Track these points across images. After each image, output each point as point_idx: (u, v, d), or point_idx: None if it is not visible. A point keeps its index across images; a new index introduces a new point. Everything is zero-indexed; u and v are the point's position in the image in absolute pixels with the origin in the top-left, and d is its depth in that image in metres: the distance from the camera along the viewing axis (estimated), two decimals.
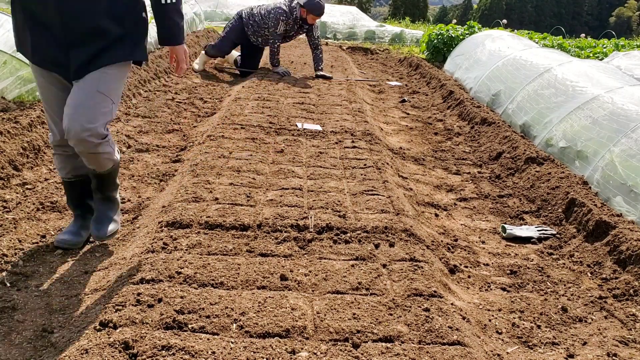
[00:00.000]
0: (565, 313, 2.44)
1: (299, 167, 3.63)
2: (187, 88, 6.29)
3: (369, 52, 10.72)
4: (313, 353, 1.82)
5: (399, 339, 1.93)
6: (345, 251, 2.56)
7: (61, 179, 2.66)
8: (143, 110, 5.17)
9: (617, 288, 2.62)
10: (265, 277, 2.27)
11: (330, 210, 2.94)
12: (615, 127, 3.81)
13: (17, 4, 2.23)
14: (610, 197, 3.39)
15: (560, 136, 4.31)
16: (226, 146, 3.91)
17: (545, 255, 3.05)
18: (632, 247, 2.76)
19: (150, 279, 2.17)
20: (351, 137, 4.42)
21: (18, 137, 3.57)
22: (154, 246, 2.45)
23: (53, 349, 1.90)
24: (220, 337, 1.87)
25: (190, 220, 2.71)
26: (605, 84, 4.54)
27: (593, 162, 3.76)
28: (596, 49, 9.66)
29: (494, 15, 45.52)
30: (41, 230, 2.80)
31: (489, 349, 2.09)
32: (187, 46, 7.99)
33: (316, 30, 6.87)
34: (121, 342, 1.78)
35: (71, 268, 2.51)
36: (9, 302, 2.17)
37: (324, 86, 6.35)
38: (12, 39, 4.46)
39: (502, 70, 6.15)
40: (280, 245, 2.57)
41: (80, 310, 2.14)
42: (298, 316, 2.01)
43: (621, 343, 2.25)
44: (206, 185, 3.17)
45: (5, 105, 3.99)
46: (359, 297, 2.17)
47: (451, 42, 9.33)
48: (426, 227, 3.15)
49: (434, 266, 2.50)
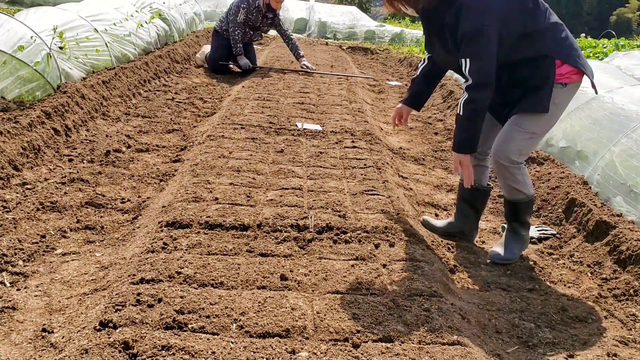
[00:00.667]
0: (565, 313, 2.44)
1: (299, 167, 3.63)
2: (187, 88, 6.29)
3: (369, 52, 10.72)
4: (313, 353, 1.82)
5: (398, 339, 1.93)
6: (345, 251, 2.56)
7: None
8: (143, 110, 5.17)
9: (617, 288, 2.62)
10: (265, 277, 2.27)
11: (330, 210, 2.94)
12: (615, 127, 3.81)
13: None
14: (610, 197, 3.39)
15: (560, 136, 4.31)
16: (226, 146, 3.91)
17: (545, 255, 3.05)
18: (632, 247, 2.76)
19: (150, 279, 2.17)
20: (351, 137, 4.42)
21: (18, 137, 3.57)
22: (154, 246, 2.45)
23: (53, 349, 1.91)
24: (220, 337, 1.87)
25: (190, 220, 2.71)
26: (606, 83, 4.54)
27: (593, 162, 3.75)
28: (596, 49, 9.66)
29: None
30: (41, 230, 2.80)
31: (489, 349, 2.09)
32: (188, 46, 8.02)
33: (284, 24, 7.29)
34: (121, 342, 1.78)
35: (71, 268, 2.51)
36: (9, 302, 2.17)
37: (324, 86, 6.35)
38: (12, 38, 4.47)
39: None
40: (280, 245, 2.57)
41: (80, 310, 2.14)
42: (298, 316, 2.01)
43: (621, 343, 2.25)
44: (206, 185, 3.17)
45: (5, 105, 3.99)
46: (359, 297, 2.17)
47: None
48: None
49: (434, 266, 2.50)
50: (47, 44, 4.61)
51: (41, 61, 4.43)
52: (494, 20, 2.40)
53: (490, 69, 2.46)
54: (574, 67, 2.57)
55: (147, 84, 6.06)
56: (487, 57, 2.44)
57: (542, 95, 2.56)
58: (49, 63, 4.54)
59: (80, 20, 5.54)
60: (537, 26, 2.52)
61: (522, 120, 2.64)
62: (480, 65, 2.44)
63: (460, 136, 2.62)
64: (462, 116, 2.57)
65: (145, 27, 7.02)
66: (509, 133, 2.67)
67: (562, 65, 2.55)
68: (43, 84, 4.44)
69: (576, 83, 2.63)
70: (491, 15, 2.39)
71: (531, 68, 2.57)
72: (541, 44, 2.53)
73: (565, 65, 2.56)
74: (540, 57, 2.54)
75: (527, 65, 2.57)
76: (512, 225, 2.87)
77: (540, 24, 2.54)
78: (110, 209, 3.13)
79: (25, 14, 5.08)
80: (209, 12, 12.68)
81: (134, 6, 7.20)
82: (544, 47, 2.53)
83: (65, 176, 3.43)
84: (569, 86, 2.59)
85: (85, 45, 5.34)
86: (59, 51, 4.81)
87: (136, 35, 6.62)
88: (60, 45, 4.84)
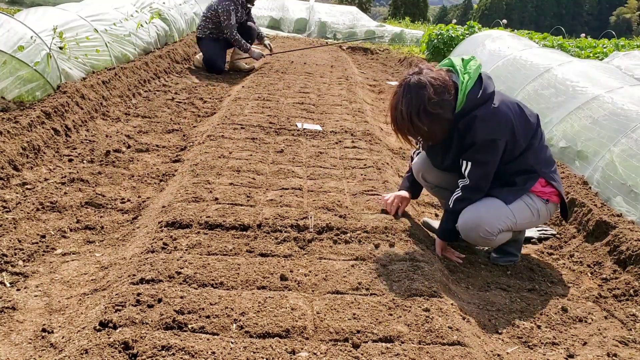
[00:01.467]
0: (565, 313, 2.44)
1: (299, 167, 3.63)
2: (187, 88, 6.29)
3: (369, 52, 10.72)
4: (313, 353, 1.82)
5: (399, 339, 1.93)
6: (345, 251, 2.56)
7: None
8: (143, 110, 5.17)
9: (617, 288, 2.62)
10: (265, 277, 2.27)
11: (330, 211, 2.94)
12: (615, 127, 3.81)
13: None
14: (610, 197, 3.39)
15: (560, 136, 4.31)
16: (226, 146, 3.91)
17: (545, 255, 3.05)
18: (632, 247, 2.76)
19: (150, 279, 2.17)
20: (351, 137, 4.42)
21: (18, 137, 3.57)
22: (153, 246, 2.45)
23: (53, 349, 1.90)
24: (220, 337, 1.87)
25: (190, 220, 2.70)
26: (606, 84, 4.54)
27: (593, 162, 3.75)
28: (596, 49, 9.65)
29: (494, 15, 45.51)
30: (41, 230, 2.80)
31: (489, 349, 2.09)
32: (187, 46, 8.02)
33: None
34: (121, 342, 1.78)
35: (71, 268, 2.51)
36: (9, 302, 2.17)
37: (324, 86, 6.35)
38: (12, 39, 4.47)
39: (502, 70, 6.15)
40: (280, 245, 2.57)
41: (80, 311, 2.14)
42: (298, 316, 2.01)
43: (621, 343, 2.25)
44: (206, 185, 3.17)
45: (5, 105, 3.99)
46: (359, 297, 2.17)
47: (451, 42, 9.33)
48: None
49: (434, 266, 2.50)
50: (47, 44, 4.61)
51: (41, 61, 4.43)
52: (505, 134, 2.54)
53: (490, 177, 2.64)
54: (557, 190, 2.73)
55: (147, 84, 6.06)
56: (491, 166, 2.60)
57: (513, 190, 2.69)
58: (49, 63, 4.54)
59: (80, 20, 5.54)
60: (533, 145, 2.68)
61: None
62: (484, 172, 2.61)
63: (447, 226, 2.76)
64: (451, 209, 2.72)
65: (145, 27, 7.02)
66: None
67: (547, 186, 2.71)
68: (43, 84, 4.44)
69: (555, 204, 2.80)
70: (503, 132, 2.53)
71: (517, 175, 2.70)
72: (533, 160, 2.68)
73: (549, 186, 2.71)
74: (529, 170, 2.68)
75: (514, 174, 2.71)
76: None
77: (537, 144, 2.70)
78: (110, 209, 3.13)
79: (25, 14, 5.08)
80: None
81: (134, 6, 7.20)
82: (535, 164, 2.68)
83: (65, 176, 3.43)
84: (549, 204, 2.75)
85: (85, 46, 5.34)
86: (58, 51, 4.81)
87: (136, 36, 6.62)
88: (60, 46, 4.85)
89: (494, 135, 2.51)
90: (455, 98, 2.51)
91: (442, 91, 2.47)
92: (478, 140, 2.51)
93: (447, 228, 2.76)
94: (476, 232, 2.64)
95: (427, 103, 2.45)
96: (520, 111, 2.63)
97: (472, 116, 2.51)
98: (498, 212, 2.63)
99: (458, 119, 2.54)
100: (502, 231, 2.66)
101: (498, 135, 2.52)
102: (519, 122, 2.60)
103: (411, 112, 2.48)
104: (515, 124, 2.57)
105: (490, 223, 2.61)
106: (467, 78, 2.52)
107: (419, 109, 2.47)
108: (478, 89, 2.53)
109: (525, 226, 2.80)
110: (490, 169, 2.61)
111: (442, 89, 2.47)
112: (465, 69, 2.54)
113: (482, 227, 2.61)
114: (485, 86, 2.54)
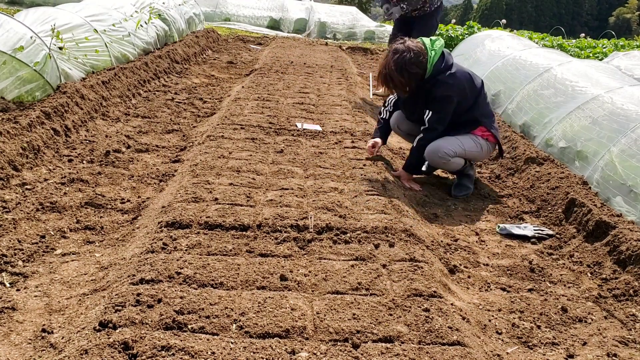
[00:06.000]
0: (565, 313, 2.44)
1: (298, 168, 3.63)
2: (187, 88, 6.29)
3: (368, 52, 10.72)
4: (313, 353, 1.82)
5: (398, 339, 1.93)
6: (345, 251, 2.56)
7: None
8: (143, 110, 5.17)
9: (617, 288, 2.62)
10: (265, 277, 2.27)
11: (330, 211, 2.94)
12: (615, 127, 3.81)
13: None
14: (610, 197, 3.39)
15: (560, 136, 4.31)
16: (226, 146, 3.91)
17: (545, 255, 3.05)
18: (632, 247, 2.76)
19: (150, 279, 2.17)
20: (351, 137, 4.42)
21: (18, 137, 3.57)
22: (153, 246, 2.45)
23: (53, 350, 1.90)
24: (220, 337, 1.87)
25: (190, 220, 2.70)
26: (605, 84, 4.54)
27: (593, 162, 3.75)
28: (596, 49, 9.65)
29: (493, 15, 45.48)
30: (41, 230, 2.80)
31: (489, 349, 2.09)
32: (187, 46, 8.02)
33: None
34: (121, 343, 1.77)
35: (71, 268, 2.51)
36: (8, 303, 2.17)
37: (324, 86, 6.35)
38: (12, 39, 4.47)
39: (501, 70, 6.14)
40: (280, 245, 2.57)
41: (80, 311, 2.14)
42: (298, 316, 2.01)
43: (621, 343, 2.25)
44: (206, 185, 3.16)
45: (5, 105, 3.99)
46: (359, 298, 2.17)
47: (451, 42, 9.34)
48: (426, 227, 3.15)
49: (433, 266, 2.50)
50: (47, 45, 4.61)
51: (41, 61, 4.43)
52: (456, 94, 3.57)
53: (444, 123, 3.66)
54: (494, 135, 3.79)
55: (147, 84, 6.06)
56: (444, 114, 3.63)
57: (462, 132, 3.76)
58: (49, 63, 4.54)
59: (80, 20, 5.54)
60: (478, 102, 3.72)
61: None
62: (438, 117, 3.63)
63: (411, 161, 3.79)
64: (415, 148, 3.74)
65: (145, 28, 7.02)
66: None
67: (486, 131, 3.76)
68: (43, 84, 4.44)
69: (493, 144, 3.85)
70: (456, 91, 3.56)
71: (466, 124, 3.75)
72: (477, 113, 3.73)
73: (488, 132, 3.76)
74: (474, 121, 3.74)
75: (463, 123, 3.74)
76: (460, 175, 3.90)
77: (481, 102, 3.74)
78: (110, 210, 3.13)
79: (25, 14, 5.08)
80: (209, 12, 12.68)
81: (133, 6, 7.20)
82: (479, 116, 3.74)
83: (65, 176, 3.43)
84: (489, 143, 3.80)
85: (84, 46, 5.34)
86: (58, 51, 4.81)
87: (136, 36, 6.62)
88: (59, 46, 4.84)
89: (449, 92, 3.54)
90: (426, 66, 3.50)
91: (419, 55, 3.48)
92: (438, 95, 3.54)
93: (412, 163, 3.78)
94: (437, 154, 3.63)
95: (407, 62, 3.46)
96: (470, 78, 3.66)
97: (436, 79, 3.54)
98: (451, 142, 3.65)
99: (426, 82, 3.55)
100: (455, 154, 3.65)
101: (452, 93, 3.54)
102: (468, 85, 3.63)
103: (395, 68, 3.47)
104: (466, 86, 3.61)
105: (446, 147, 3.62)
106: (434, 54, 3.53)
107: (402, 66, 3.46)
108: (441, 61, 3.55)
109: (472, 155, 3.76)
110: (443, 116, 3.62)
111: (419, 54, 3.49)
112: (432, 47, 3.55)
113: (440, 150, 3.62)
114: (446, 59, 3.58)
